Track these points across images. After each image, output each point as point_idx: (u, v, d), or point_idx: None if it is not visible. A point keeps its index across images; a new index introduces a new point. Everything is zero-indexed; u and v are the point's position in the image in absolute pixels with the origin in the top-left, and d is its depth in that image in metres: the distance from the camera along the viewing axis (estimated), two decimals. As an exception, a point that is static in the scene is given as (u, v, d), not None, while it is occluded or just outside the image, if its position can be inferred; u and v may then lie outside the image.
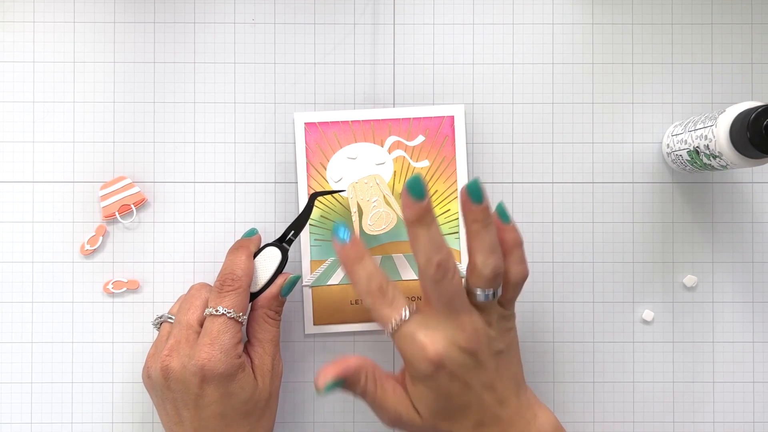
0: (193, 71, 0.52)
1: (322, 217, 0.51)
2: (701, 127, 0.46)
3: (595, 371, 0.52)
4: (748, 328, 0.52)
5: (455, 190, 0.51)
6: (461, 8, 0.52)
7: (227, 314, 0.44)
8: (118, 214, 0.51)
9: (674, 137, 0.50)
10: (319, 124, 0.51)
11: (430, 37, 0.52)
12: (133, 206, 0.51)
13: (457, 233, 0.51)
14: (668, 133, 0.51)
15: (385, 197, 0.51)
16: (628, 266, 0.52)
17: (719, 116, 0.44)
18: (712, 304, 0.52)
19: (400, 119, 0.51)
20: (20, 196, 0.51)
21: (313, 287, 0.51)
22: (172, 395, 0.44)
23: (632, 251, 0.52)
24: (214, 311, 0.44)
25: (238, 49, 0.52)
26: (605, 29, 0.52)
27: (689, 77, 0.52)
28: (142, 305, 0.51)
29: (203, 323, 0.44)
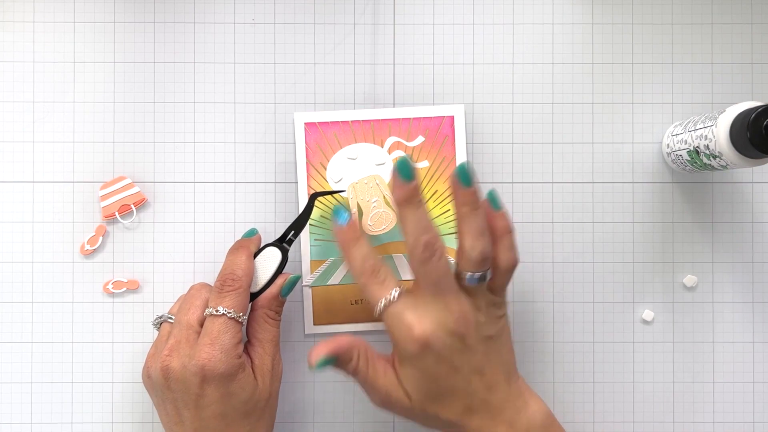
0: (193, 71, 0.52)
1: (322, 217, 0.51)
2: (701, 127, 0.46)
3: (595, 371, 0.52)
4: (748, 328, 0.52)
5: (455, 190, 0.51)
6: (461, 8, 0.52)
7: (227, 314, 0.44)
8: (118, 214, 0.51)
9: (674, 137, 0.50)
10: (319, 124, 0.51)
11: (430, 37, 0.52)
12: (133, 206, 0.51)
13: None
14: (668, 133, 0.51)
15: (385, 198, 0.51)
16: (628, 266, 0.52)
17: (719, 116, 0.44)
18: (712, 304, 0.52)
19: (400, 119, 0.51)
20: (20, 196, 0.51)
21: (313, 287, 0.51)
22: (172, 395, 0.44)
23: (632, 251, 0.52)
24: (214, 311, 0.44)
25: (238, 49, 0.52)
26: (605, 29, 0.52)
27: (689, 77, 0.52)
28: (142, 305, 0.51)
29: (203, 323, 0.45)
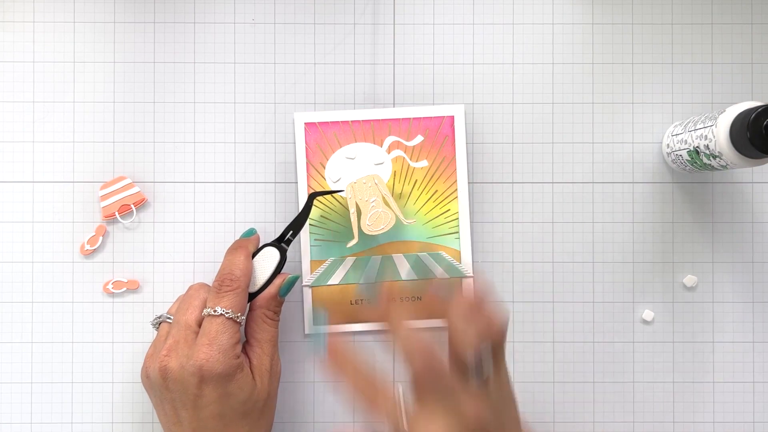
0: (193, 71, 0.52)
1: (321, 216, 0.51)
2: (701, 127, 0.46)
3: (595, 371, 0.52)
4: (748, 328, 0.52)
5: (455, 190, 0.51)
6: (461, 8, 0.52)
7: (225, 314, 0.44)
8: (118, 214, 0.51)
9: (674, 137, 0.50)
10: (319, 124, 0.51)
11: (430, 37, 0.52)
12: (133, 206, 0.51)
13: (456, 233, 0.51)
14: (668, 133, 0.51)
15: (383, 197, 0.51)
16: (628, 266, 0.52)
17: (719, 116, 0.44)
18: (712, 304, 0.52)
19: (400, 119, 0.51)
20: (20, 196, 0.51)
21: (313, 287, 0.51)
22: (170, 395, 0.44)
23: (632, 251, 0.52)
24: (212, 311, 0.44)
25: (238, 49, 0.52)
26: (605, 29, 0.52)
27: (689, 77, 0.52)
28: (142, 305, 0.51)
29: (201, 323, 0.45)
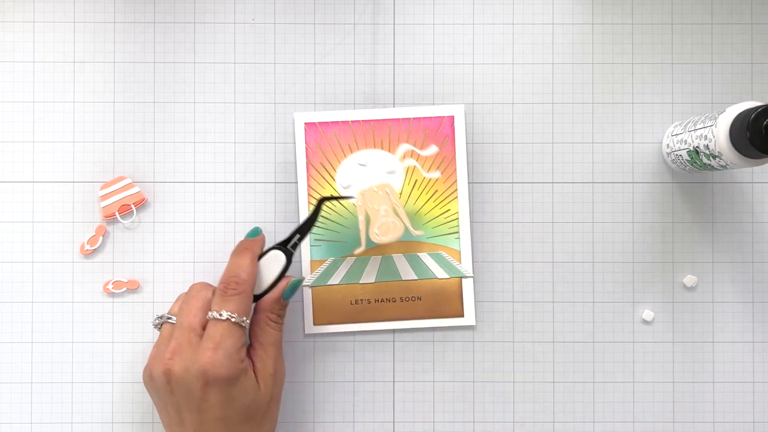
0: (193, 71, 0.52)
1: (323, 217, 0.51)
2: (701, 127, 0.46)
3: (595, 371, 0.52)
4: (748, 328, 0.52)
5: (455, 190, 0.51)
6: (461, 8, 0.52)
7: (231, 318, 0.43)
8: (118, 214, 0.51)
9: (674, 137, 0.50)
10: (319, 124, 0.51)
11: (430, 37, 0.52)
12: (133, 206, 0.51)
13: (456, 233, 0.51)
14: (668, 133, 0.51)
15: (394, 207, 0.51)
16: (628, 266, 0.52)
17: (719, 116, 0.44)
18: (712, 304, 0.52)
19: (400, 119, 0.51)
20: (20, 196, 0.51)
21: (313, 287, 0.51)
22: (174, 398, 0.44)
23: (632, 251, 0.52)
24: (217, 315, 0.44)
25: (238, 49, 0.52)
26: (605, 29, 0.52)
27: (689, 77, 0.52)
28: (142, 305, 0.51)
29: (205, 325, 0.44)
